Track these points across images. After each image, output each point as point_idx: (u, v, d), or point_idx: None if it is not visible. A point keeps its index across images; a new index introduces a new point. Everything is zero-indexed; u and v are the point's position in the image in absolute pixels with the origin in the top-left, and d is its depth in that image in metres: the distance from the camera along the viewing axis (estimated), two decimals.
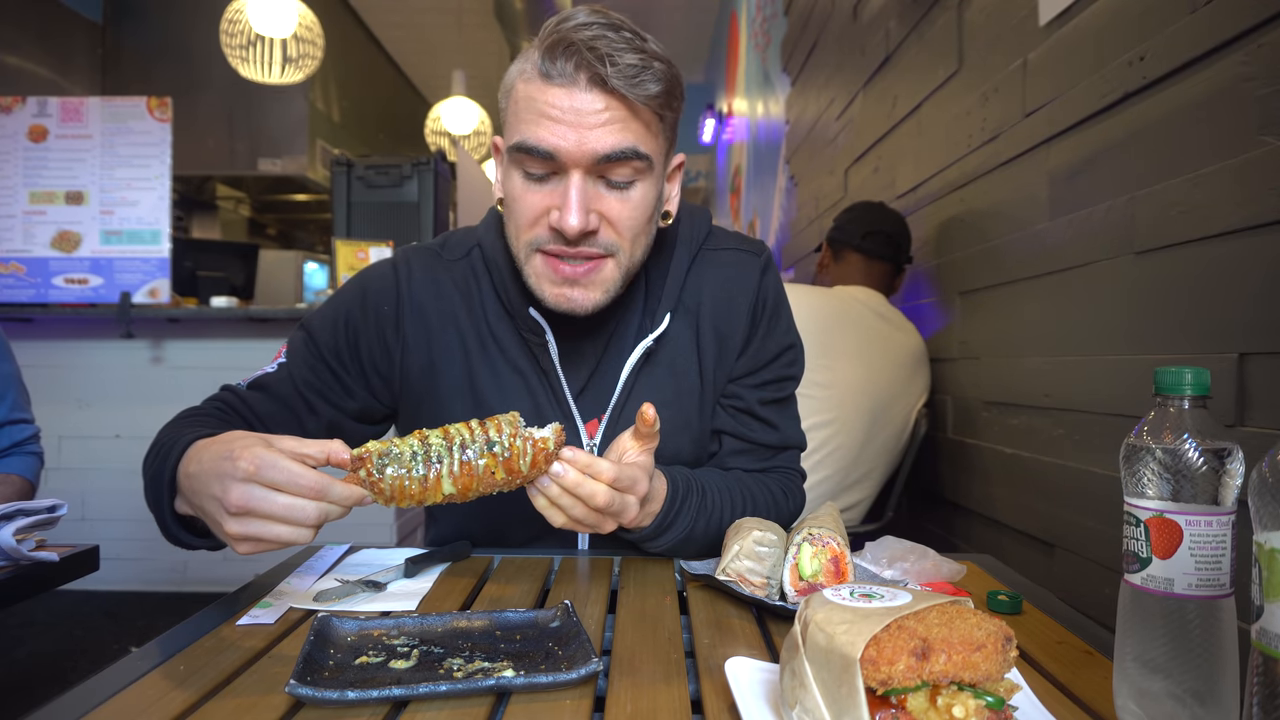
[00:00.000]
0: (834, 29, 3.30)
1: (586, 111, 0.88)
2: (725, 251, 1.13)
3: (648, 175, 0.94)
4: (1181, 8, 1.23)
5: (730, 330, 1.10)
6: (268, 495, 0.75)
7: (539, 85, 0.90)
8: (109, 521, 3.38)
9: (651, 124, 0.93)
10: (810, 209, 3.78)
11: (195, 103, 5.84)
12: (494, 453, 0.79)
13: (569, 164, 0.90)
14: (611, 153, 0.89)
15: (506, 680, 0.64)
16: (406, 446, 0.78)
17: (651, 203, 0.96)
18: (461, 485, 0.79)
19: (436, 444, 0.79)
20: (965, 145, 1.99)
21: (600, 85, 0.88)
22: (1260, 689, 0.48)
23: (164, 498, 0.86)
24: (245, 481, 0.75)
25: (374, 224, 3.63)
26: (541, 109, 0.89)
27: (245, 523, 0.75)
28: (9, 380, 1.52)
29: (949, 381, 2.15)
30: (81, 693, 0.65)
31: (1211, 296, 1.18)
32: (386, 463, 0.77)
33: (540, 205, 0.93)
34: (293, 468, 0.75)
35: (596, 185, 0.92)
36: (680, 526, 1.00)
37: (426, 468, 0.78)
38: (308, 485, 0.75)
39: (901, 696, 0.52)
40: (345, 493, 0.77)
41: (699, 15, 7.41)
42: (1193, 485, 0.55)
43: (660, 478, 0.99)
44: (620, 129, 0.89)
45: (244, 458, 0.75)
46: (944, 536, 2.18)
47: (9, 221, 3.34)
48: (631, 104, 0.89)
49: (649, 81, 0.89)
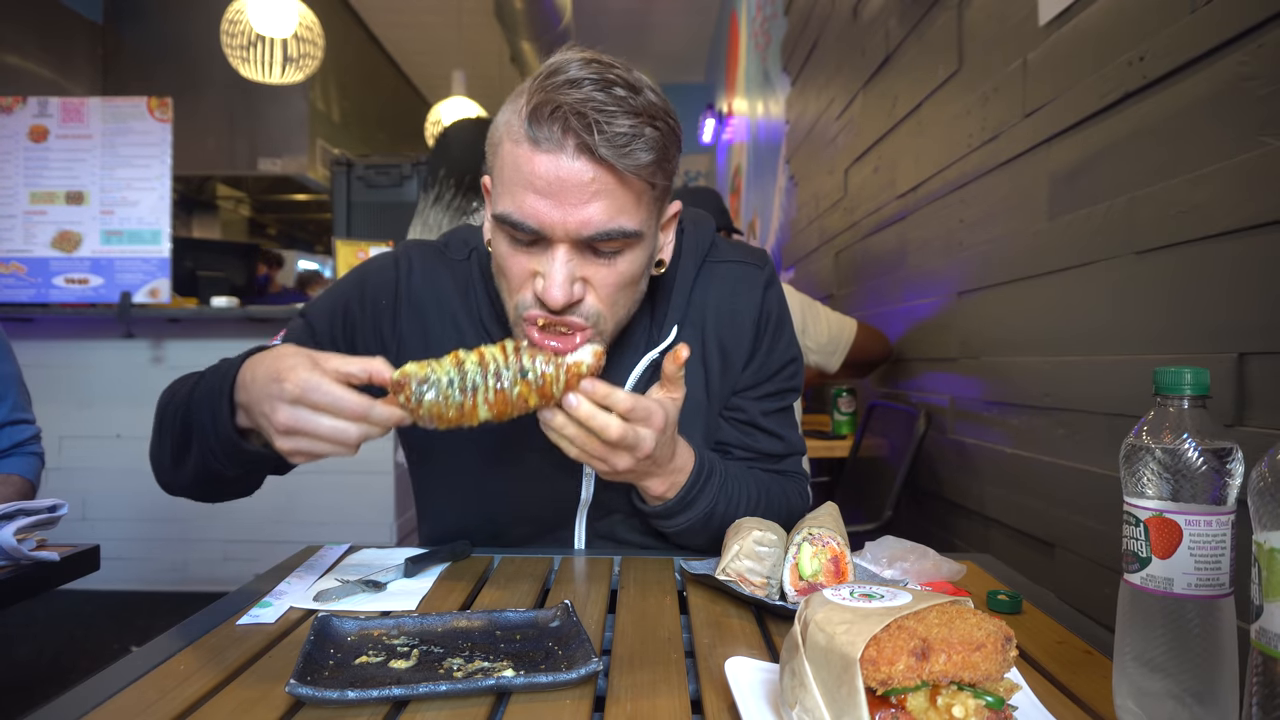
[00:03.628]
0: (834, 29, 3.30)
1: (572, 184, 0.84)
2: (729, 265, 1.11)
3: (637, 245, 0.91)
4: (1181, 8, 1.23)
5: (734, 344, 1.10)
6: (313, 417, 0.78)
7: (526, 151, 0.85)
8: (109, 521, 3.38)
9: (642, 193, 0.88)
10: (810, 209, 3.78)
11: (195, 103, 5.84)
12: (527, 380, 0.81)
13: (553, 239, 0.87)
14: (596, 234, 0.86)
15: (506, 680, 0.64)
16: (444, 372, 0.80)
17: (639, 269, 0.93)
18: (497, 411, 0.82)
19: (472, 371, 0.81)
20: (965, 145, 1.99)
21: (588, 154, 0.83)
22: (1259, 689, 0.48)
23: (222, 410, 0.88)
24: (292, 404, 0.79)
25: (374, 224, 3.63)
26: (527, 179, 0.85)
27: (293, 440, 0.80)
28: (10, 381, 1.52)
29: (949, 381, 2.15)
30: (81, 693, 0.65)
31: (1211, 296, 1.18)
32: (425, 390, 0.79)
33: (526, 270, 0.90)
34: (335, 390, 0.78)
35: (583, 255, 0.89)
36: (701, 505, 1.01)
37: (464, 395, 0.80)
38: (350, 409, 0.78)
39: (901, 696, 0.52)
40: (386, 415, 0.80)
41: (699, 15, 7.42)
42: (1192, 485, 0.56)
43: (688, 449, 0.99)
44: (607, 203, 0.85)
45: (290, 379, 0.79)
46: (944, 536, 2.18)
47: (9, 221, 3.34)
48: (620, 174, 0.85)
49: (639, 150, 0.84)
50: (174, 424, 0.95)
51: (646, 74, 0.91)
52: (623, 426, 0.85)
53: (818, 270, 3.60)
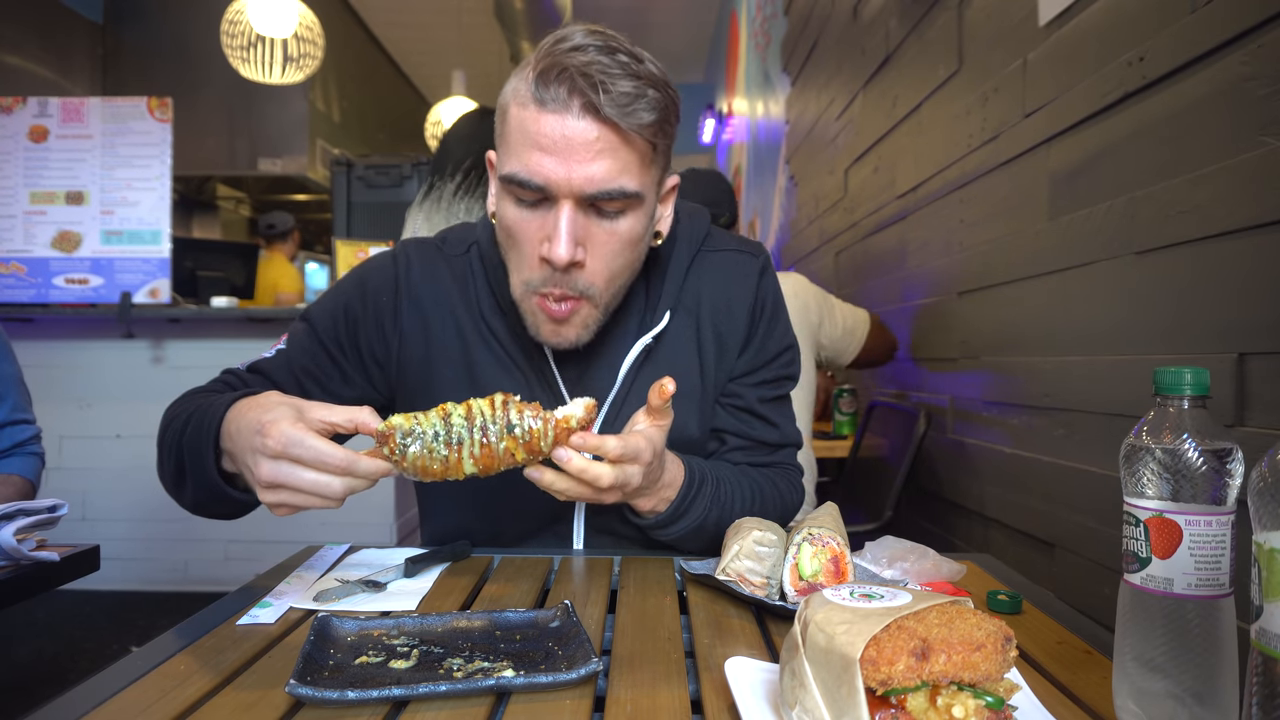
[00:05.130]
0: (834, 29, 3.30)
1: (578, 142, 0.87)
2: (724, 253, 1.13)
3: (638, 207, 0.94)
4: (1181, 8, 1.23)
5: (730, 331, 1.11)
6: (295, 472, 0.77)
7: (532, 112, 0.89)
8: (110, 521, 3.38)
9: (644, 154, 0.92)
10: (810, 209, 3.78)
11: (195, 103, 5.83)
12: (514, 435, 0.79)
13: (559, 195, 0.90)
14: (599, 193, 0.89)
15: (506, 680, 0.64)
16: (429, 425, 0.79)
17: (640, 234, 0.96)
18: (483, 466, 0.80)
19: (458, 424, 0.79)
20: (965, 145, 1.99)
21: (593, 113, 0.87)
22: (1259, 689, 0.48)
23: (208, 458, 0.88)
24: (274, 459, 0.77)
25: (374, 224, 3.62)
26: (534, 138, 0.88)
27: (276, 494, 0.79)
28: (10, 381, 1.52)
29: (949, 381, 2.15)
30: (81, 693, 0.65)
31: (1211, 296, 1.18)
32: (409, 442, 0.78)
33: (535, 233, 0.93)
34: (319, 446, 0.77)
35: (587, 214, 0.92)
36: (694, 515, 1.01)
37: (449, 449, 0.78)
38: (334, 464, 0.77)
39: (901, 697, 0.52)
40: (371, 468, 0.78)
41: (699, 15, 7.42)
42: (1192, 485, 0.55)
43: (677, 463, 1.00)
44: (610, 162, 0.89)
45: (271, 434, 0.77)
46: (944, 536, 2.18)
47: (9, 222, 3.34)
48: (624, 133, 0.88)
49: (642, 110, 0.88)
50: (170, 456, 0.97)
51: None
52: (614, 473, 0.85)
53: (818, 270, 3.60)
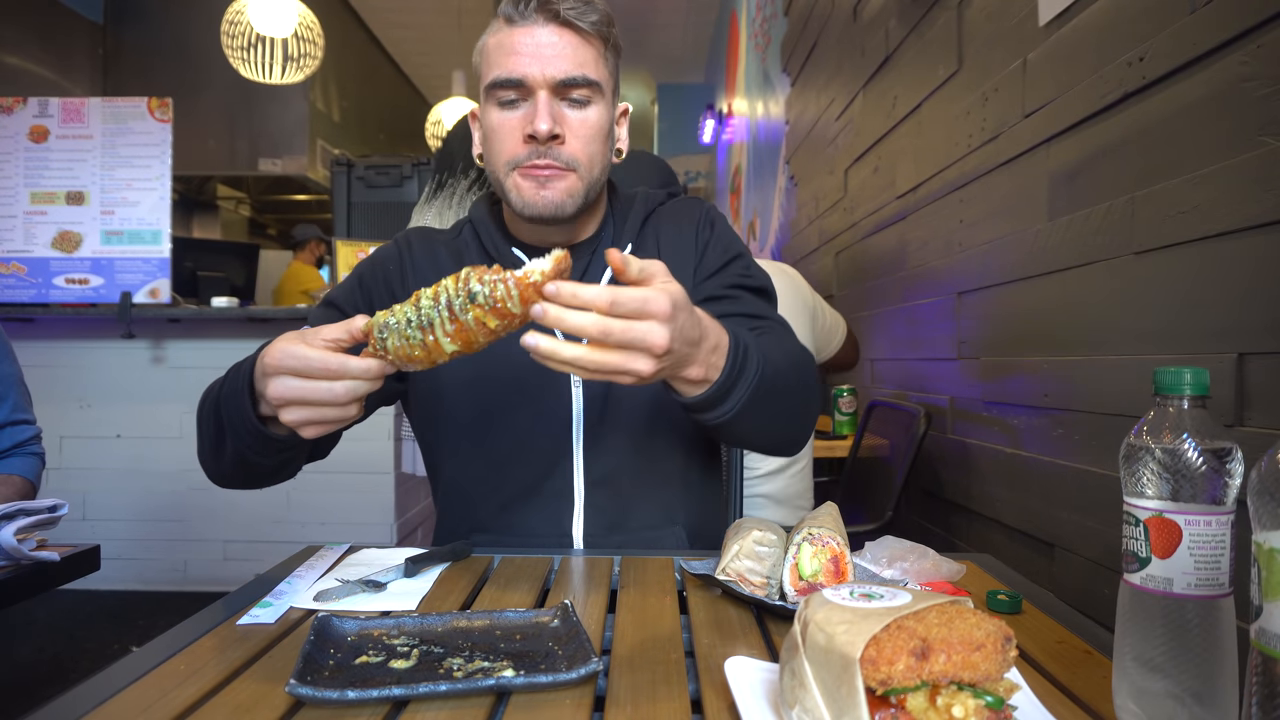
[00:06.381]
0: (834, 29, 3.31)
1: (545, 43, 1.07)
2: (672, 202, 1.27)
3: (600, 99, 1.11)
4: (1181, 8, 1.23)
5: (684, 250, 1.21)
6: (296, 384, 0.80)
7: (505, 31, 1.09)
8: (110, 521, 3.38)
9: (600, 51, 1.11)
10: (810, 209, 3.78)
11: (195, 103, 5.84)
12: (477, 303, 0.74)
13: (535, 86, 1.07)
14: (567, 78, 1.07)
15: (506, 680, 0.64)
16: (402, 314, 0.77)
17: (606, 124, 1.12)
18: (462, 341, 0.76)
19: (426, 306, 0.76)
20: (965, 145, 1.99)
21: (555, 19, 1.07)
22: (1259, 689, 0.48)
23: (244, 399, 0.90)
24: (275, 375, 0.81)
25: (374, 224, 3.62)
26: (509, 48, 1.08)
27: (291, 411, 0.82)
28: (11, 381, 1.52)
29: (949, 381, 2.15)
30: (81, 693, 0.65)
31: (1211, 296, 1.18)
32: (386, 335, 0.78)
33: (517, 126, 1.08)
34: (307, 353, 0.80)
35: (560, 104, 1.09)
36: (749, 375, 0.91)
37: (423, 332, 0.76)
38: (322, 367, 0.79)
39: (901, 696, 0.52)
40: (361, 366, 0.79)
41: (699, 15, 7.41)
42: (1192, 485, 0.56)
43: (715, 323, 0.90)
44: (573, 55, 1.08)
45: (269, 354, 0.82)
46: (944, 536, 2.18)
47: (10, 222, 3.34)
48: (581, 31, 1.08)
49: (591, 13, 1.09)
50: (210, 420, 1.00)
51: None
52: (603, 321, 0.73)
53: (818, 270, 3.60)
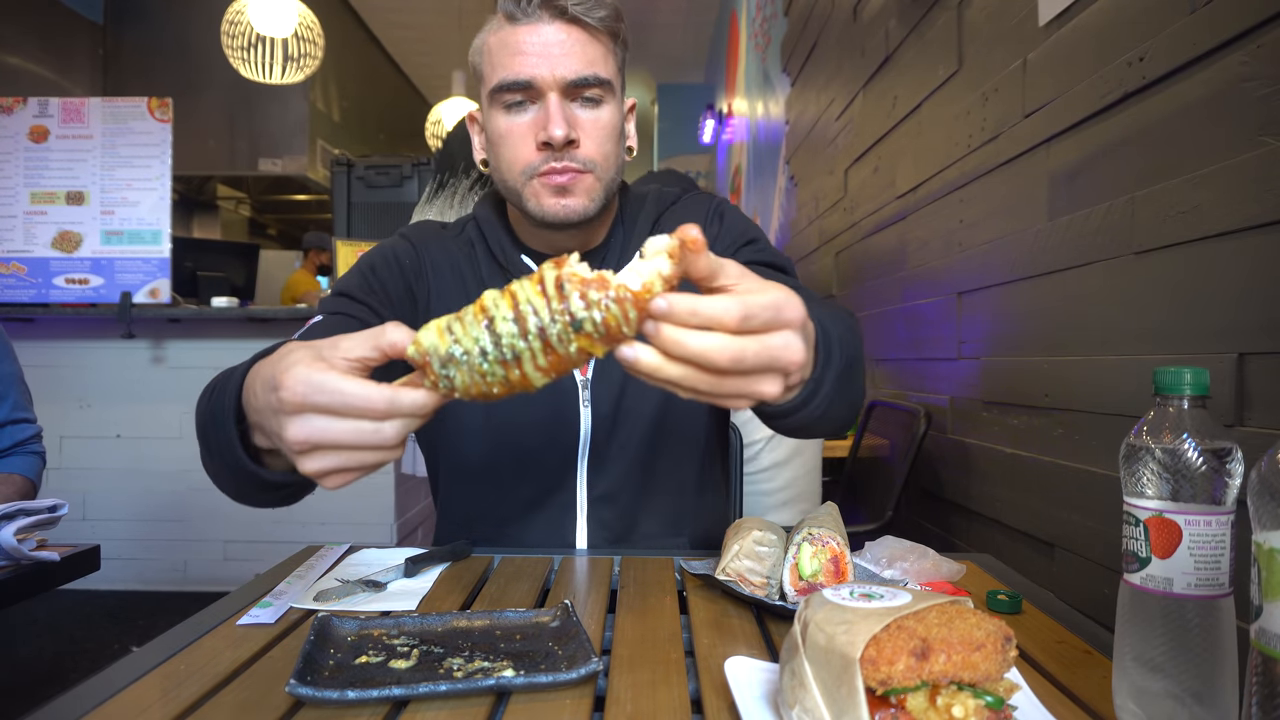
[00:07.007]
0: (834, 29, 3.30)
1: (552, 43, 1.00)
2: (684, 202, 1.23)
3: (612, 97, 1.05)
4: (1181, 8, 1.23)
5: None
6: (327, 424, 0.61)
7: (508, 30, 1.02)
8: (110, 521, 3.38)
9: (608, 47, 1.05)
10: (810, 209, 3.78)
11: (196, 103, 5.84)
12: (584, 332, 0.58)
13: (544, 88, 1.00)
14: (578, 79, 1.01)
15: (506, 680, 0.64)
16: (472, 343, 0.59)
17: (618, 123, 1.07)
18: (558, 372, 0.61)
19: (508, 334, 0.59)
20: (965, 145, 1.99)
21: (561, 16, 1.01)
22: (1259, 689, 0.48)
23: (230, 432, 0.75)
24: (297, 415, 0.61)
25: (374, 224, 3.62)
26: (514, 47, 1.01)
27: (314, 459, 0.62)
28: (11, 380, 1.52)
29: (949, 381, 2.15)
30: (81, 693, 0.65)
31: (1211, 296, 1.18)
32: (451, 371, 0.60)
33: (527, 131, 1.02)
34: (342, 385, 0.60)
35: (571, 105, 1.03)
36: (835, 363, 0.80)
37: (507, 369, 0.59)
38: (365, 405, 0.60)
39: (901, 696, 0.52)
40: (416, 402, 0.61)
41: (699, 15, 7.41)
42: (1192, 485, 0.56)
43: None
44: (581, 53, 1.01)
45: (286, 385, 0.61)
46: (944, 536, 2.18)
47: (10, 222, 3.34)
48: (589, 28, 1.02)
49: (597, 7, 1.03)
50: (200, 439, 0.84)
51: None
52: (734, 346, 0.58)
53: (818, 270, 3.59)
